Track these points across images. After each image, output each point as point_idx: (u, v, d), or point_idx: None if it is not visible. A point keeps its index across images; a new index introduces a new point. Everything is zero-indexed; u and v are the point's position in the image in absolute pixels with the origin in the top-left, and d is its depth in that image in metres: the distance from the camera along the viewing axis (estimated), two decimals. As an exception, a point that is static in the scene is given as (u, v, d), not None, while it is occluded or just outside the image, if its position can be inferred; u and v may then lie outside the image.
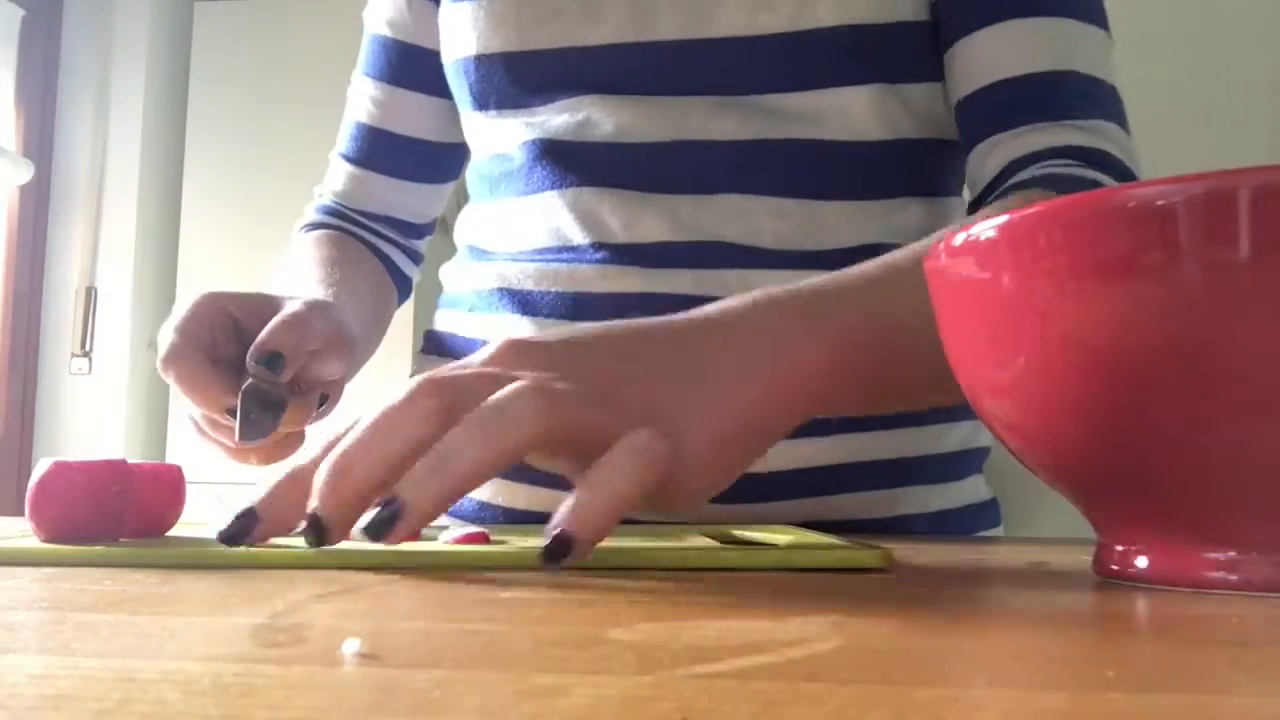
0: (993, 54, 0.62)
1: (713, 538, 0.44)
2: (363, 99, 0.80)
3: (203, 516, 0.47)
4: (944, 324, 0.36)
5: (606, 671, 0.19)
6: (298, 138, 2.56)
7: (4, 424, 2.59)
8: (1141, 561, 0.33)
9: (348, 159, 0.81)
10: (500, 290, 0.67)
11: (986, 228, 0.32)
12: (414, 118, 0.78)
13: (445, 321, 0.73)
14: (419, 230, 0.84)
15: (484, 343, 0.66)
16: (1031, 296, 0.31)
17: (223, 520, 0.35)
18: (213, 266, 2.60)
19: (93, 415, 2.65)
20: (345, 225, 0.81)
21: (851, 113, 0.63)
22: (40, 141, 2.68)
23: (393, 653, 0.20)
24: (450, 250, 0.79)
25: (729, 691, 0.17)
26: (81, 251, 2.68)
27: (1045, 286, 0.30)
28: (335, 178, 0.82)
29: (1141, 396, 0.30)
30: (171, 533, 0.43)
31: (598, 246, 0.64)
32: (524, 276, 0.66)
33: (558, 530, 0.32)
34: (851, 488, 0.63)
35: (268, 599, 0.28)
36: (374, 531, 0.33)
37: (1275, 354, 0.28)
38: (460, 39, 0.69)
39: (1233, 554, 0.30)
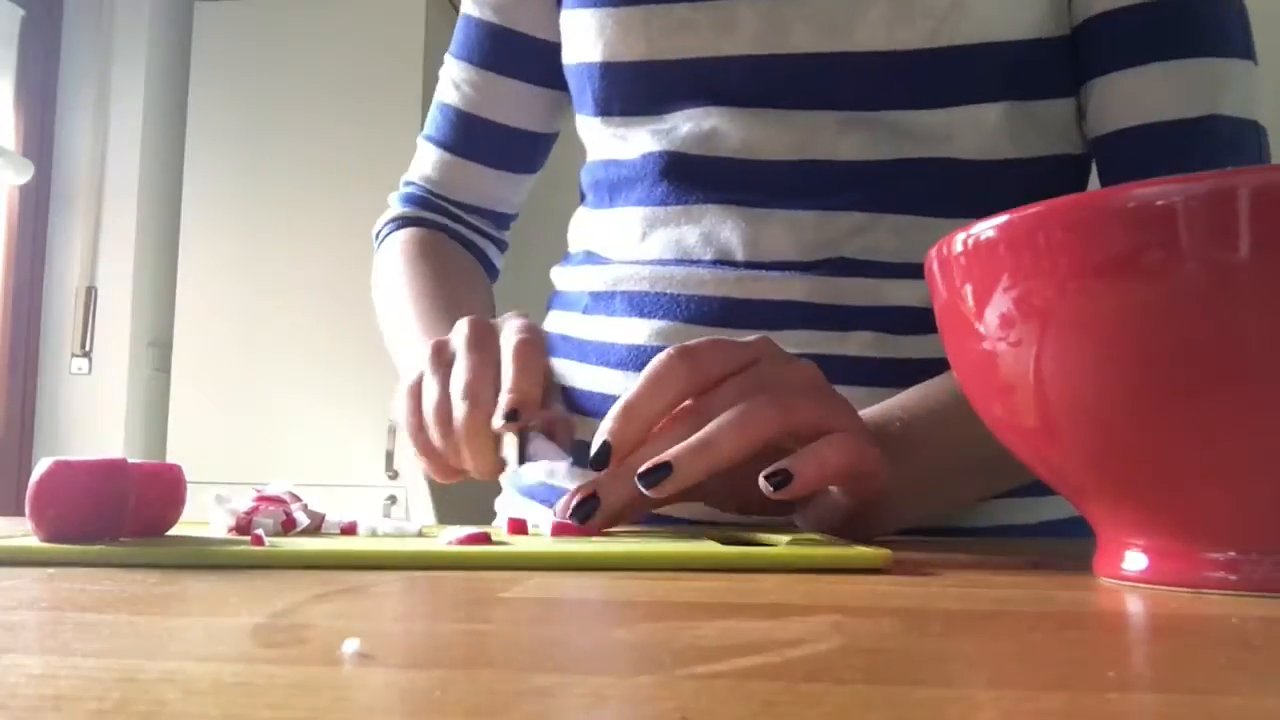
0: (1136, 95, 0.61)
1: (719, 541, 0.44)
2: (456, 82, 0.78)
3: (204, 516, 0.47)
4: (944, 324, 0.36)
5: (606, 671, 0.19)
6: (298, 137, 2.56)
7: (4, 424, 2.59)
8: (1141, 561, 0.33)
9: (439, 144, 0.80)
10: (617, 292, 0.67)
11: (986, 228, 0.32)
12: (513, 105, 0.77)
13: (557, 322, 0.73)
14: (507, 220, 0.84)
15: (595, 344, 0.67)
16: (1031, 296, 0.31)
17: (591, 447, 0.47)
18: (213, 266, 2.60)
19: (93, 415, 2.65)
20: (437, 218, 0.80)
21: (983, 130, 0.62)
22: (40, 141, 2.68)
23: (393, 653, 0.20)
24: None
25: (729, 691, 0.17)
26: (81, 251, 2.68)
27: (1045, 286, 0.30)
28: (425, 162, 0.81)
29: (1141, 396, 0.30)
30: (172, 532, 0.43)
31: (718, 263, 0.64)
32: (640, 279, 0.66)
33: (773, 471, 0.44)
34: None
35: (268, 599, 0.28)
36: (647, 484, 0.44)
37: (1275, 354, 0.28)
38: (585, 44, 0.68)
39: (1233, 554, 0.30)
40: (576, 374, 0.68)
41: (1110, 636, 0.25)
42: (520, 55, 0.76)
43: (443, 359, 0.56)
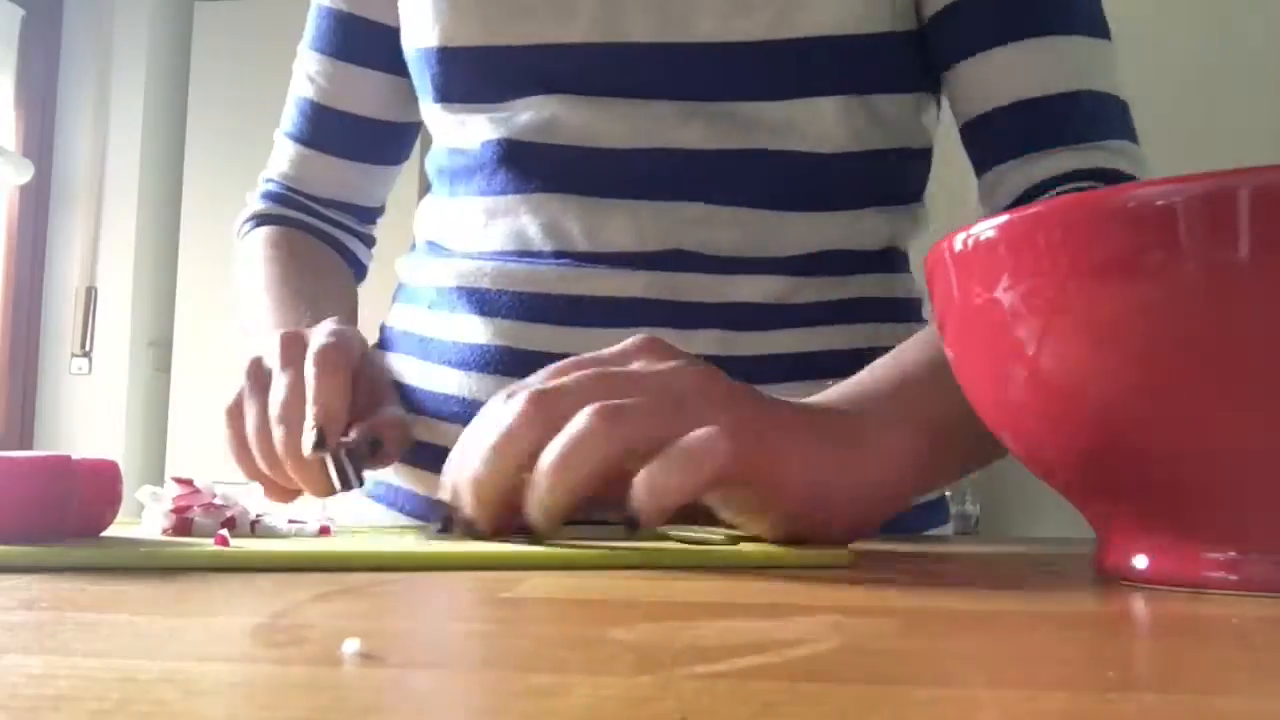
0: (1002, 76, 0.61)
1: (655, 538, 0.45)
2: (309, 74, 0.76)
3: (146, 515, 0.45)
4: (944, 324, 0.36)
5: (606, 671, 0.19)
6: (298, 138, 2.56)
7: (4, 424, 2.59)
8: (1141, 561, 0.33)
9: (294, 138, 0.77)
10: (458, 289, 0.66)
11: (986, 228, 0.32)
12: (364, 95, 0.75)
13: (402, 317, 0.71)
14: (372, 214, 0.81)
15: (438, 342, 0.66)
16: (1031, 296, 0.31)
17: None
18: (213, 266, 2.60)
19: (93, 415, 2.65)
20: (297, 215, 0.77)
21: (822, 123, 0.62)
22: (40, 141, 2.69)
23: (393, 653, 0.20)
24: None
25: (729, 691, 0.17)
26: (81, 251, 2.68)
27: (1045, 286, 0.30)
28: (281, 159, 0.78)
29: (1141, 397, 0.30)
30: (108, 532, 0.41)
31: (559, 254, 0.63)
32: (482, 275, 0.65)
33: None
34: None
35: (268, 599, 0.28)
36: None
37: (1275, 354, 0.28)
38: (423, 28, 0.67)
39: (1233, 554, 0.30)
40: (419, 372, 0.67)
41: (1110, 636, 0.25)
42: (370, 43, 0.74)
43: (259, 379, 0.54)
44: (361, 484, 0.50)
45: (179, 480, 0.44)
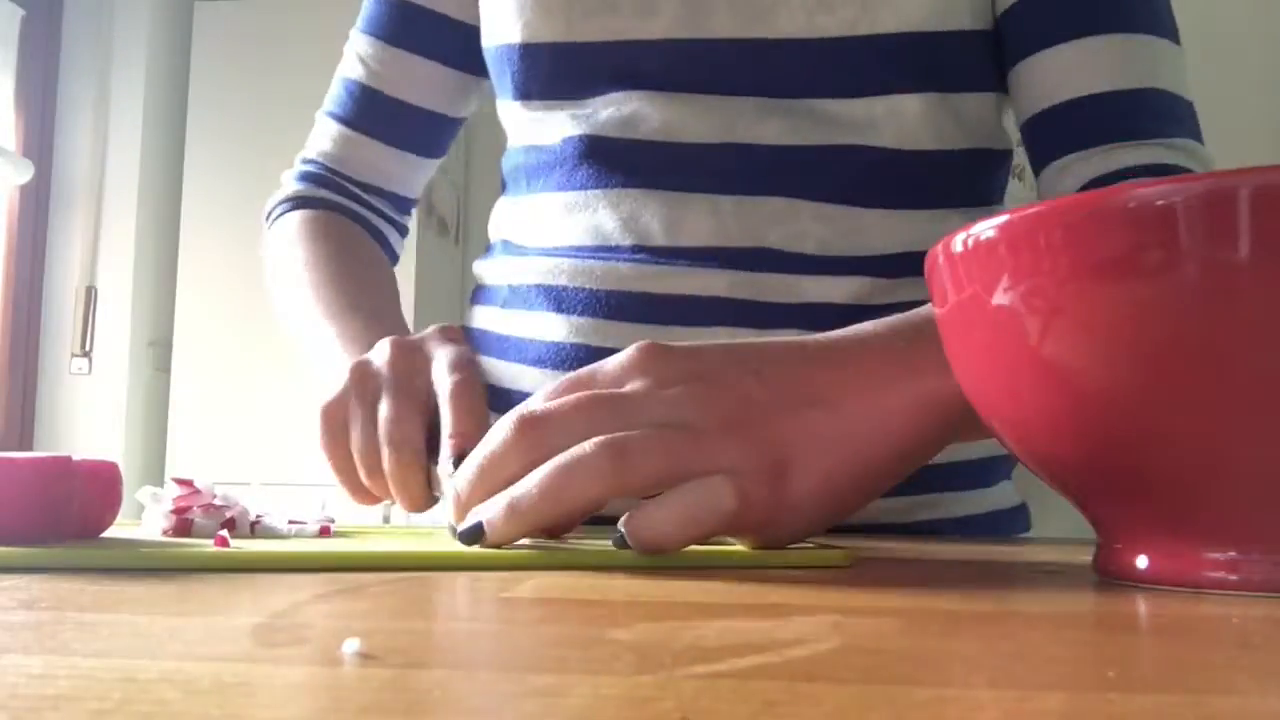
0: (1070, 70, 0.61)
1: None
2: (361, 57, 0.75)
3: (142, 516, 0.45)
4: (944, 324, 0.36)
5: (606, 671, 0.19)
6: (298, 137, 2.55)
7: (4, 424, 2.59)
8: (1141, 561, 0.33)
9: (339, 119, 0.77)
10: (535, 286, 0.66)
11: (986, 228, 0.32)
12: (419, 84, 0.75)
13: (479, 318, 0.71)
14: (408, 204, 0.81)
15: (518, 341, 0.66)
16: (1031, 296, 0.31)
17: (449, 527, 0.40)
18: (213, 267, 2.60)
19: (93, 415, 2.65)
20: (335, 198, 0.77)
21: (903, 121, 0.62)
22: (40, 141, 2.68)
23: (393, 653, 0.20)
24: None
25: (729, 691, 0.17)
26: (81, 251, 2.68)
27: (1045, 286, 0.30)
28: (323, 138, 0.78)
29: (1141, 397, 0.30)
30: (108, 533, 0.41)
31: (637, 249, 0.63)
32: (559, 272, 0.64)
33: (617, 535, 0.37)
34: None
35: (268, 599, 0.28)
36: (465, 540, 0.38)
37: (1275, 354, 0.28)
38: (504, 25, 0.67)
39: (1233, 554, 0.30)
40: (496, 371, 0.67)
41: (1110, 636, 0.25)
42: (430, 32, 0.74)
43: (366, 392, 0.53)
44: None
45: (179, 481, 0.44)
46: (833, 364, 0.43)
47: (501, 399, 0.66)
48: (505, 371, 0.67)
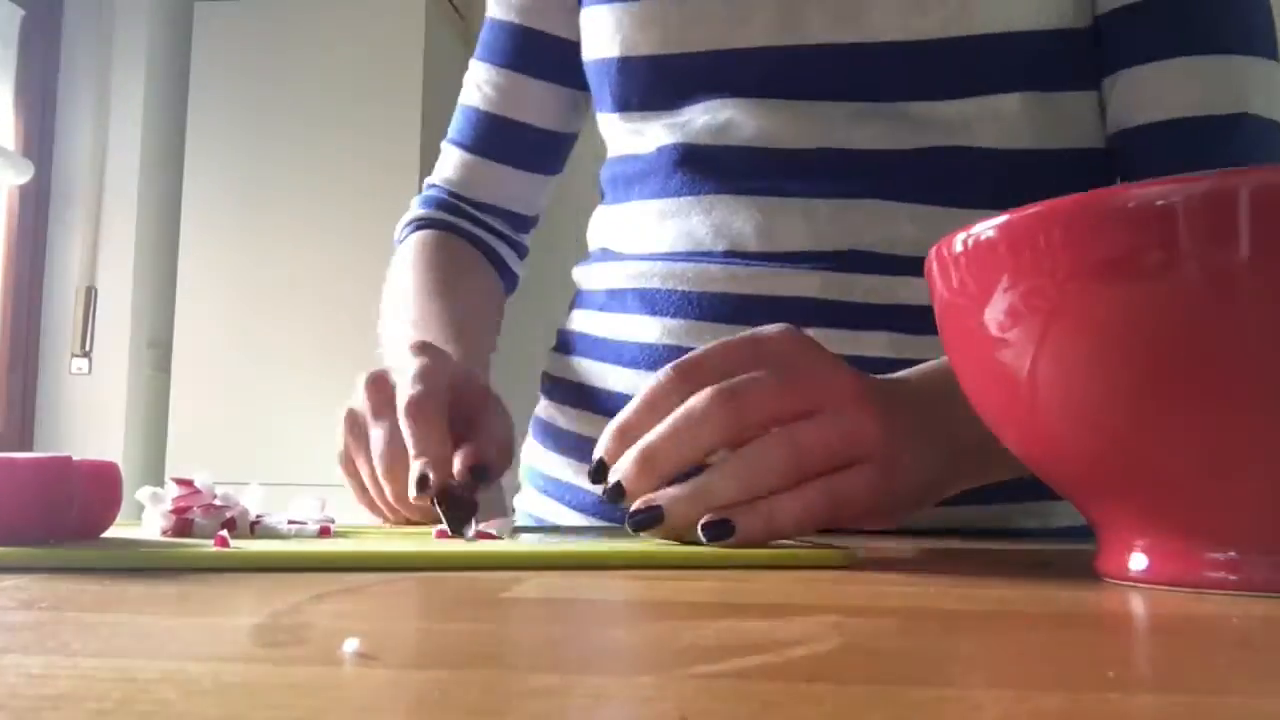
0: (1164, 89, 0.60)
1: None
2: (480, 84, 0.79)
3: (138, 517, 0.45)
4: (944, 324, 0.36)
5: (606, 671, 0.19)
6: (297, 138, 2.56)
7: (4, 424, 2.59)
8: (1141, 561, 0.33)
9: (462, 146, 0.80)
10: (630, 289, 0.67)
11: (986, 228, 0.32)
12: (535, 105, 0.77)
13: (577, 321, 0.73)
14: (527, 223, 0.83)
15: (611, 342, 0.67)
16: (1031, 296, 0.31)
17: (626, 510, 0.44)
18: (213, 266, 2.60)
19: (93, 415, 2.65)
20: (454, 220, 0.80)
21: (1001, 120, 0.62)
22: (40, 141, 2.68)
23: (393, 653, 0.20)
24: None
25: (729, 691, 0.17)
26: (81, 251, 2.68)
27: (1045, 286, 0.30)
28: (447, 165, 0.81)
29: (1141, 396, 0.30)
30: (108, 533, 0.41)
31: (730, 254, 0.63)
32: (652, 275, 0.65)
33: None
34: (985, 500, 0.60)
35: (268, 599, 0.28)
36: (635, 527, 0.42)
37: (1275, 354, 0.28)
38: (603, 40, 0.68)
39: (1233, 554, 0.30)
40: (595, 372, 0.68)
41: (1110, 636, 0.25)
42: (542, 54, 0.76)
43: (358, 434, 0.56)
44: (471, 528, 0.48)
45: (179, 481, 0.44)
46: (905, 394, 0.49)
47: (597, 399, 0.67)
48: (600, 372, 0.68)
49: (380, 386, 0.56)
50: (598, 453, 0.45)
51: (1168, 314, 0.28)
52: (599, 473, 0.44)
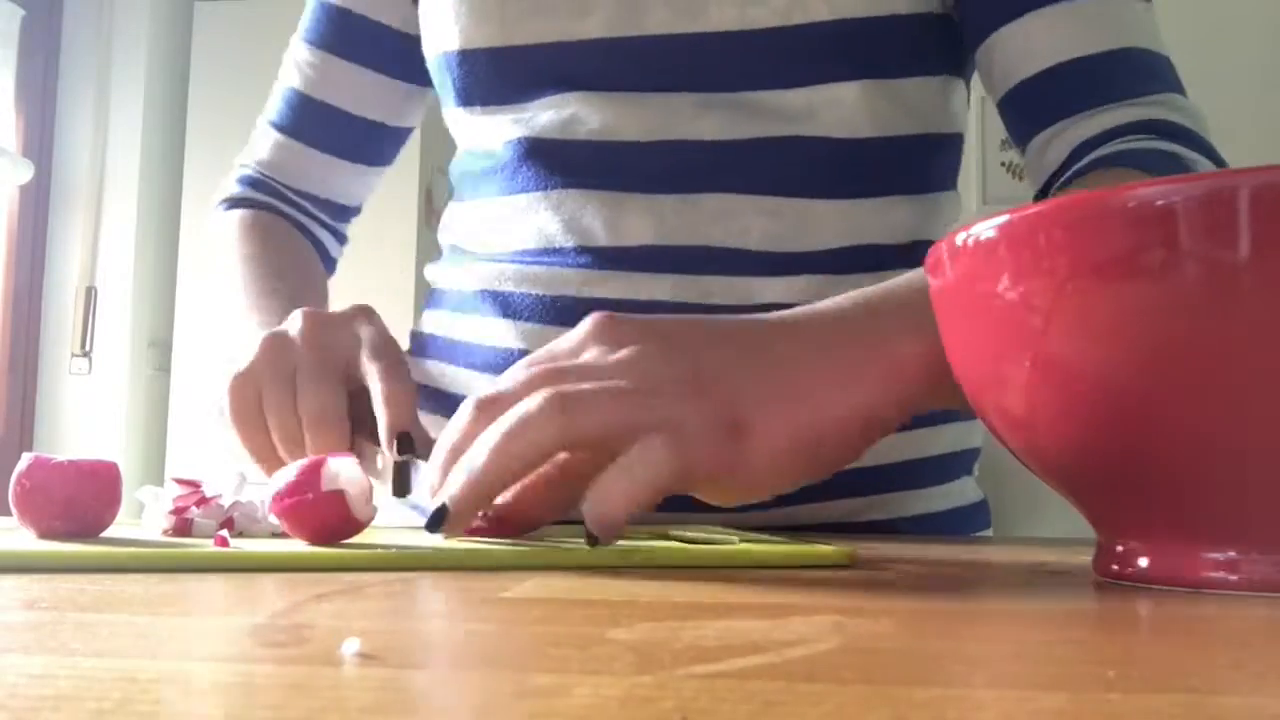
0: (1043, 40, 0.60)
1: (657, 537, 0.45)
2: (300, 65, 0.76)
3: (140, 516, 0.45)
4: (944, 324, 0.36)
5: (606, 671, 0.19)
6: (298, 138, 2.55)
7: (4, 424, 2.59)
8: (1141, 561, 0.33)
9: (277, 127, 0.78)
10: (482, 292, 0.66)
11: (986, 228, 0.32)
12: (354, 91, 0.75)
13: (430, 322, 0.72)
14: (346, 213, 0.81)
15: (466, 345, 0.66)
16: (1031, 296, 0.31)
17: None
18: (213, 267, 2.60)
19: (93, 415, 2.65)
20: (272, 202, 0.78)
21: (843, 108, 0.62)
22: (40, 141, 2.68)
23: (393, 653, 0.20)
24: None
25: (729, 691, 0.17)
26: (81, 251, 2.68)
27: (1045, 286, 0.30)
28: (262, 146, 0.79)
29: (1141, 397, 0.30)
30: (108, 532, 0.41)
31: (581, 250, 0.63)
32: (504, 278, 0.65)
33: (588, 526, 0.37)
34: (831, 495, 0.62)
35: (268, 599, 0.28)
36: (431, 529, 0.38)
37: (1275, 353, 0.28)
38: (443, 33, 0.67)
39: (1233, 554, 0.30)
40: (446, 375, 0.67)
41: (1110, 636, 0.25)
42: (368, 41, 0.74)
43: (280, 359, 0.53)
44: (402, 494, 0.49)
45: (181, 481, 0.44)
46: (788, 331, 0.43)
47: (449, 403, 0.66)
48: (453, 376, 0.67)
49: (319, 329, 0.54)
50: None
51: (1168, 313, 0.28)
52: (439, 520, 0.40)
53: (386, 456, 0.49)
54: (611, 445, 0.38)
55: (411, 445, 0.49)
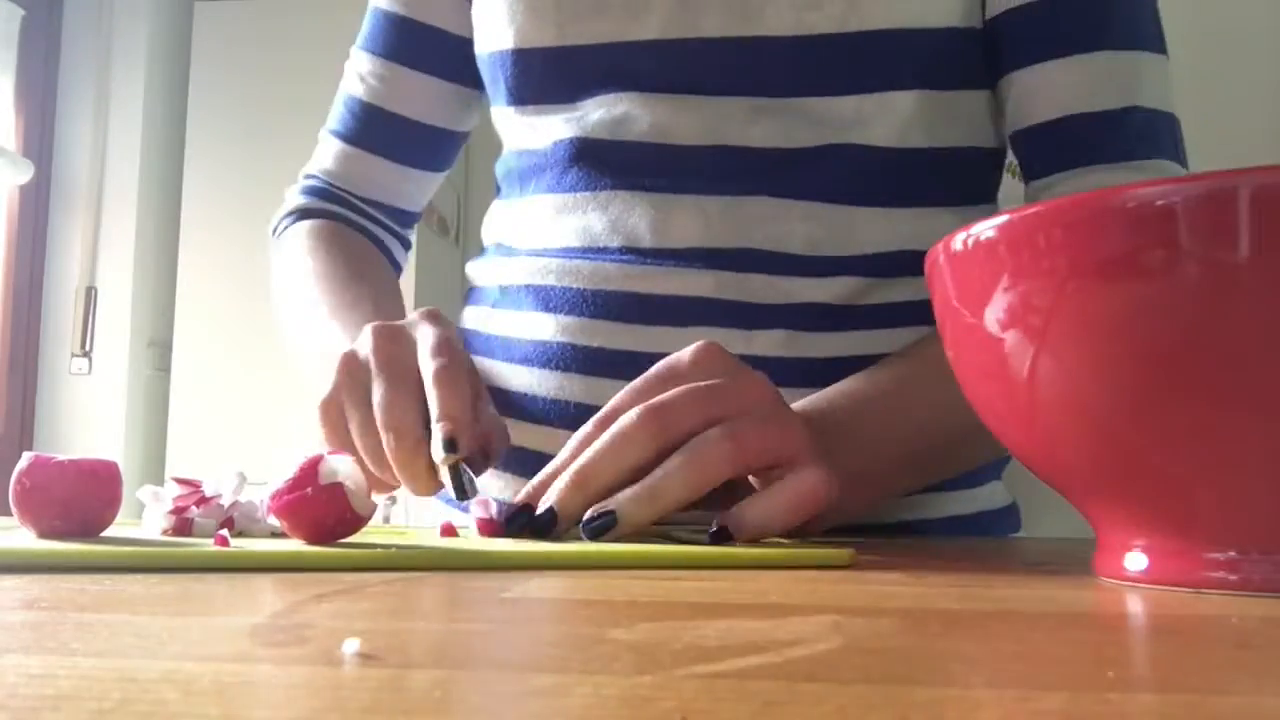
0: (1055, 89, 0.62)
1: (657, 537, 0.45)
2: (361, 75, 0.76)
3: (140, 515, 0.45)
4: (944, 324, 0.36)
5: (606, 671, 0.19)
6: (298, 138, 2.55)
7: (4, 424, 2.59)
8: (1141, 561, 0.33)
9: (341, 137, 0.78)
10: (524, 286, 0.66)
11: (986, 228, 0.32)
12: (418, 99, 0.76)
13: (470, 318, 0.72)
14: (410, 218, 0.82)
15: (505, 340, 0.66)
16: (1031, 296, 0.31)
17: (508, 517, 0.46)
18: (213, 266, 2.60)
19: (93, 415, 2.65)
20: (339, 210, 0.78)
21: (896, 117, 0.62)
22: (40, 141, 2.68)
23: (393, 653, 0.20)
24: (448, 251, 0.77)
25: (729, 691, 0.17)
26: (81, 251, 2.68)
27: (1045, 286, 0.30)
28: (325, 155, 0.79)
29: (1141, 396, 0.30)
30: (108, 532, 0.41)
31: (625, 250, 0.63)
32: (548, 272, 0.65)
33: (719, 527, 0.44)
34: None
35: (268, 599, 0.28)
36: (591, 535, 0.43)
37: (1275, 354, 0.28)
38: (496, 32, 0.67)
39: (1233, 554, 0.30)
40: (485, 369, 0.67)
41: (1110, 636, 0.25)
42: (428, 48, 0.75)
43: (357, 383, 0.53)
44: (475, 493, 0.48)
45: (180, 480, 0.44)
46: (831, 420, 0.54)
47: (492, 397, 0.66)
48: (494, 370, 0.67)
49: (391, 339, 0.54)
50: (548, 500, 0.46)
51: (1168, 313, 0.28)
52: (549, 523, 0.45)
53: (438, 460, 0.49)
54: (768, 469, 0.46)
55: (454, 446, 0.49)
